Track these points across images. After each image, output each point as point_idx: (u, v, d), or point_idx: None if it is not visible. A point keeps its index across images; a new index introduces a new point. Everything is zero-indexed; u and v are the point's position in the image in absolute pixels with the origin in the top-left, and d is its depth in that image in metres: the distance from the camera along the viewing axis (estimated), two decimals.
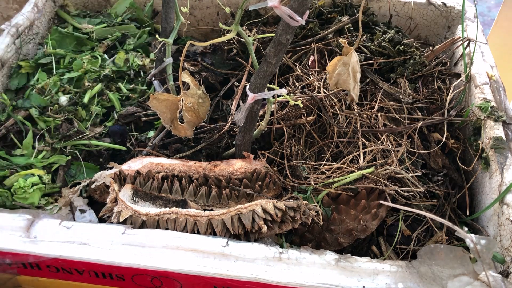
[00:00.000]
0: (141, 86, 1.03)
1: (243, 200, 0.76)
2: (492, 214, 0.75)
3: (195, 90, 0.79)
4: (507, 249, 0.68)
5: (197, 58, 1.05)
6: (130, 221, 0.69)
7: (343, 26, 1.03)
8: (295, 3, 0.63)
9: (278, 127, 0.90)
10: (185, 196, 0.76)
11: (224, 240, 0.65)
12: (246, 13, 1.10)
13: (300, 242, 0.77)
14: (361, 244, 0.79)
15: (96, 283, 0.69)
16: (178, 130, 0.81)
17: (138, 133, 0.94)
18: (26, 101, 0.95)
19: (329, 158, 0.85)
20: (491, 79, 0.92)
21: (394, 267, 0.63)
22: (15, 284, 0.74)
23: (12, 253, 0.66)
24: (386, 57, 0.98)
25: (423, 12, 1.13)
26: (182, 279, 0.64)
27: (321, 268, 0.62)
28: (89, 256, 0.64)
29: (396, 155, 0.82)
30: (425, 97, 0.93)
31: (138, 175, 0.77)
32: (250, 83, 0.73)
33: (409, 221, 0.80)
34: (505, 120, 0.83)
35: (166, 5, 0.92)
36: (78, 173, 0.87)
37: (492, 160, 0.79)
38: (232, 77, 1.04)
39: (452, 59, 1.04)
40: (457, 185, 0.87)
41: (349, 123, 0.87)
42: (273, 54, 0.69)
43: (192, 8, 1.18)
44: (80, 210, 0.78)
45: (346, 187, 0.78)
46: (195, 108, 0.80)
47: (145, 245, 0.64)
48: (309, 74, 0.97)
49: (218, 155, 0.90)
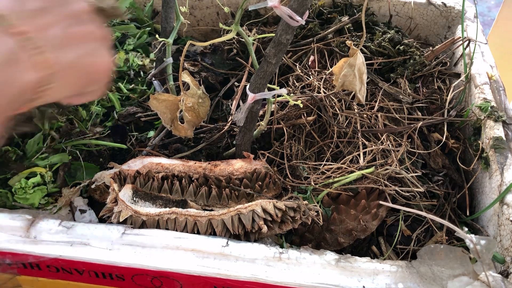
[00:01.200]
0: (141, 86, 1.03)
1: (243, 200, 0.76)
2: (492, 214, 0.75)
3: (195, 90, 0.79)
4: (507, 249, 0.68)
5: (197, 58, 1.05)
6: (130, 221, 0.69)
7: (343, 26, 1.03)
8: (295, 3, 0.63)
9: (278, 127, 0.90)
10: (185, 196, 0.76)
11: (224, 240, 0.65)
12: (246, 13, 1.10)
13: (300, 242, 0.77)
14: (361, 244, 0.79)
15: (96, 283, 0.69)
16: (178, 130, 0.82)
17: (138, 133, 0.94)
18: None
19: (329, 158, 0.85)
20: (491, 79, 0.92)
21: (394, 267, 0.63)
22: (15, 284, 0.74)
23: (12, 253, 0.66)
24: (386, 57, 0.99)
25: (423, 12, 1.13)
26: (182, 279, 0.64)
27: (321, 268, 0.62)
28: (89, 256, 0.64)
29: (396, 155, 0.82)
30: (425, 97, 0.93)
31: (138, 175, 0.77)
32: (250, 83, 0.73)
33: (409, 221, 0.80)
34: (505, 120, 0.83)
35: (166, 5, 0.92)
36: (78, 173, 0.87)
37: (492, 160, 0.80)
38: (232, 77, 1.04)
39: (452, 59, 1.04)
40: (457, 185, 0.87)
41: (349, 123, 0.87)
42: (273, 54, 0.69)
43: (192, 8, 1.18)
44: (80, 210, 0.78)
45: (346, 187, 0.78)
46: (195, 108, 0.80)
47: (145, 245, 0.64)
48: (309, 74, 0.97)
49: (218, 155, 0.90)
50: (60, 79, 0.49)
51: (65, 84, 0.51)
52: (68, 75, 0.51)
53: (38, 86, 0.47)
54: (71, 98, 0.57)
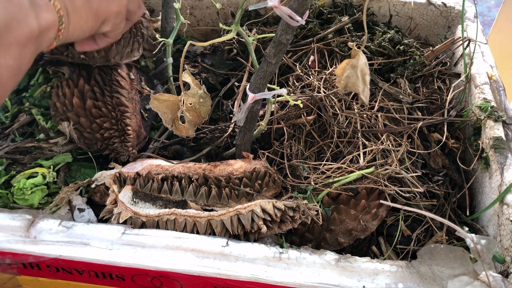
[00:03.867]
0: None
1: (243, 199, 0.76)
2: (492, 214, 0.75)
3: (195, 90, 0.79)
4: (507, 249, 0.68)
5: (197, 59, 1.05)
6: (130, 222, 0.69)
7: (343, 26, 1.03)
8: (295, 3, 0.63)
9: (278, 127, 0.90)
10: (185, 196, 0.76)
11: (224, 240, 0.65)
12: (246, 13, 1.10)
13: (300, 242, 0.77)
14: (361, 244, 0.79)
15: (96, 283, 0.69)
16: (179, 130, 0.82)
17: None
18: (29, 99, 0.95)
19: (329, 158, 0.85)
20: (491, 79, 0.92)
21: (394, 267, 0.63)
22: (15, 284, 0.74)
23: (12, 253, 0.66)
24: (386, 57, 0.99)
25: (423, 12, 1.13)
26: (182, 279, 0.64)
27: (321, 268, 0.62)
28: (89, 256, 0.64)
29: (396, 155, 0.82)
30: (425, 97, 0.93)
31: (138, 177, 0.77)
32: (250, 83, 0.73)
33: (409, 221, 0.80)
34: (505, 120, 0.83)
35: (166, 5, 0.92)
36: (79, 174, 0.87)
37: (492, 160, 0.80)
38: (232, 78, 1.04)
39: (452, 59, 1.04)
40: (457, 185, 0.87)
41: (349, 123, 0.87)
42: (273, 54, 0.69)
43: (192, 8, 1.18)
44: (79, 209, 0.78)
45: (346, 187, 0.78)
46: (196, 108, 0.80)
47: (145, 245, 0.64)
48: (309, 74, 0.97)
49: (218, 155, 0.90)
50: (74, 19, 0.63)
51: (79, 24, 0.65)
52: (80, 16, 0.64)
53: (56, 25, 0.60)
54: (87, 41, 0.74)
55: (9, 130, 0.90)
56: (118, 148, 0.84)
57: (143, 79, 0.92)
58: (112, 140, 0.83)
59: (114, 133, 0.83)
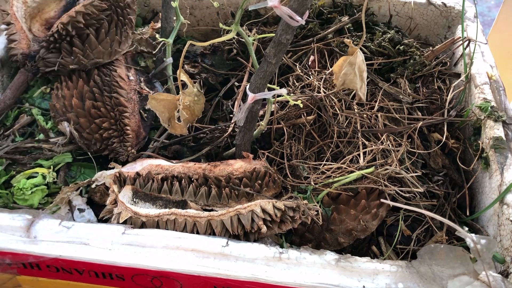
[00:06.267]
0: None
1: (243, 199, 0.76)
2: (492, 214, 0.75)
3: (191, 89, 0.79)
4: (507, 249, 0.68)
5: (197, 59, 1.05)
6: (130, 222, 0.69)
7: (343, 26, 1.03)
8: (295, 3, 0.63)
9: (278, 127, 0.90)
10: (185, 196, 0.76)
11: (224, 240, 0.65)
12: (246, 13, 1.10)
13: (300, 242, 0.77)
14: (361, 244, 0.79)
15: (96, 283, 0.69)
16: (174, 128, 0.82)
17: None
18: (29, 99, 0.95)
19: (329, 158, 0.85)
20: (491, 79, 0.92)
21: (394, 267, 0.63)
22: (15, 284, 0.74)
23: (12, 253, 0.66)
24: (386, 57, 0.98)
25: (423, 12, 1.13)
26: (182, 279, 0.64)
27: (321, 268, 0.62)
28: (89, 256, 0.64)
29: (396, 155, 0.82)
30: (425, 97, 0.93)
31: (138, 177, 0.77)
32: (250, 83, 0.73)
33: (409, 221, 0.80)
34: (505, 120, 0.83)
35: (166, 5, 0.92)
36: (79, 174, 0.87)
37: (492, 160, 0.80)
38: (232, 78, 1.04)
39: (452, 59, 1.04)
40: (457, 185, 0.87)
41: (349, 123, 0.87)
42: (273, 54, 0.69)
43: (192, 8, 1.18)
44: (79, 209, 0.78)
45: (346, 187, 0.78)
46: (191, 106, 0.80)
47: (145, 245, 0.64)
48: (309, 74, 0.97)
49: (218, 155, 0.90)
50: None
51: None
52: None
53: None
54: None
55: (10, 131, 0.90)
56: (117, 148, 0.84)
57: (142, 79, 0.93)
58: (111, 140, 0.84)
59: (113, 133, 0.83)
